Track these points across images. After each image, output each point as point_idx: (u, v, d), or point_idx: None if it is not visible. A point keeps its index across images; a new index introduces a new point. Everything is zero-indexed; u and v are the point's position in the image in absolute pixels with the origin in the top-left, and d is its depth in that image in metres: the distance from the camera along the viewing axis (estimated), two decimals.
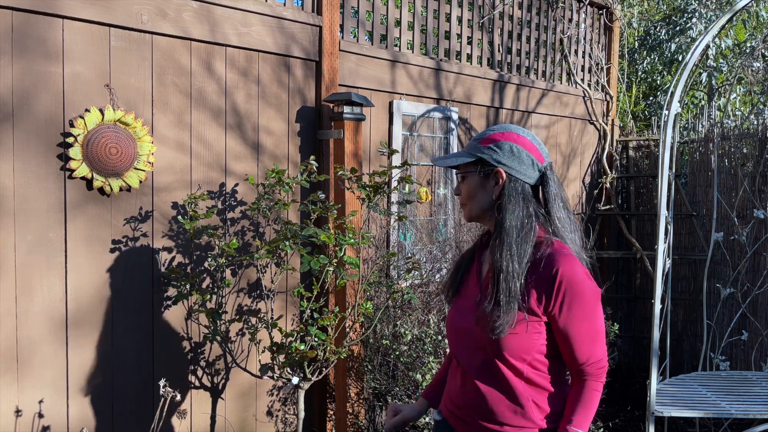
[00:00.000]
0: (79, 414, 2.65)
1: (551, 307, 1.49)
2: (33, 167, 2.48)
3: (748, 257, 4.42)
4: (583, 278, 1.49)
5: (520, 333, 1.50)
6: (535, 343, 1.52)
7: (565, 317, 1.49)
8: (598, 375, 1.54)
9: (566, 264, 1.48)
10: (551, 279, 1.48)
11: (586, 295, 1.49)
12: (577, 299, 1.48)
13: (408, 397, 3.19)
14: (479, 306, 1.56)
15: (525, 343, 1.51)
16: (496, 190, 1.57)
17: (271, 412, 3.33)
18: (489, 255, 1.60)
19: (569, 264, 1.48)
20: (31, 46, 2.45)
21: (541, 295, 1.49)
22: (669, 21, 7.38)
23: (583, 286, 1.48)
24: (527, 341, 1.51)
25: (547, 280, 1.48)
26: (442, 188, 4.16)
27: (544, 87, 4.96)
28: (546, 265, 1.49)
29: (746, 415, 3.05)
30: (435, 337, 3.12)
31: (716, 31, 3.10)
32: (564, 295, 1.48)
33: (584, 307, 1.49)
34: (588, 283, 1.50)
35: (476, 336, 1.56)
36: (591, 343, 1.51)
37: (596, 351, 1.52)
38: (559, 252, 1.50)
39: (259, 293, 3.21)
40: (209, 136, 3.00)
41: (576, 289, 1.47)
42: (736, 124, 4.87)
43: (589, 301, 1.49)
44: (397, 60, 3.79)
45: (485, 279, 1.60)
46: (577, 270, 1.48)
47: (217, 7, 2.94)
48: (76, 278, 2.61)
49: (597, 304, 1.51)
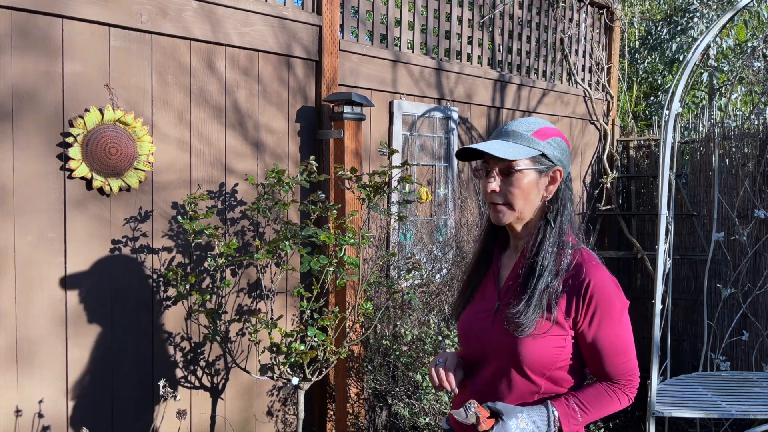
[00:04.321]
0: (79, 414, 2.64)
1: (580, 319, 1.39)
2: (33, 167, 2.48)
3: (748, 257, 4.41)
4: (613, 290, 1.40)
5: (542, 344, 1.39)
6: (557, 357, 1.41)
7: (594, 331, 1.39)
8: (628, 386, 1.45)
9: (597, 275, 1.38)
10: (581, 290, 1.38)
11: (616, 307, 1.39)
12: (608, 312, 1.38)
13: (408, 397, 3.19)
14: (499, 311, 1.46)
15: (547, 357, 1.40)
16: (550, 191, 1.44)
17: (271, 412, 3.33)
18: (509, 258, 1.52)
19: (600, 275, 1.39)
20: (31, 46, 2.45)
21: (570, 306, 1.39)
22: (670, 20, 7.37)
23: (614, 298, 1.39)
24: (549, 355, 1.40)
25: (577, 291, 1.39)
26: (442, 188, 4.16)
27: (545, 87, 4.95)
28: (576, 275, 1.39)
29: (747, 415, 3.04)
30: (435, 338, 3.11)
31: (717, 30, 3.09)
32: (595, 308, 1.38)
33: (614, 320, 1.39)
34: (618, 295, 1.41)
35: (493, 341, 1.46)
36: (621, 356, 1.42)
37: (626, 364, 1.43)
38: (588, 261, 1.41)
39: (259, 293, 3.20)
40: (210, 134, 3.00)
41: (607, 301, 1.38)
42: (737, 124, 4.87)
43: (619, 314, 1.40)
44: (397, 59, 3.78)
45: (505, 284, 1.49)
46: (607, 282, 1.39)
47: (218, 7, 2.94)
48: (76, 278, 2.61)
49: (626, 316, 1.43)
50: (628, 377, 1.44)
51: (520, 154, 1.39)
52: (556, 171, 1.43)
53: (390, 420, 3.62)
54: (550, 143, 1.42)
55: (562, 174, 1.43)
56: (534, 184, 1.42)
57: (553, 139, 1.43)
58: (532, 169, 1.41)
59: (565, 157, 1.45)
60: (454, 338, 3.07)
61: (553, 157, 1.42)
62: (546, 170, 1.42)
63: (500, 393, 1.46)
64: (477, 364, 1.52)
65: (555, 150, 1.43)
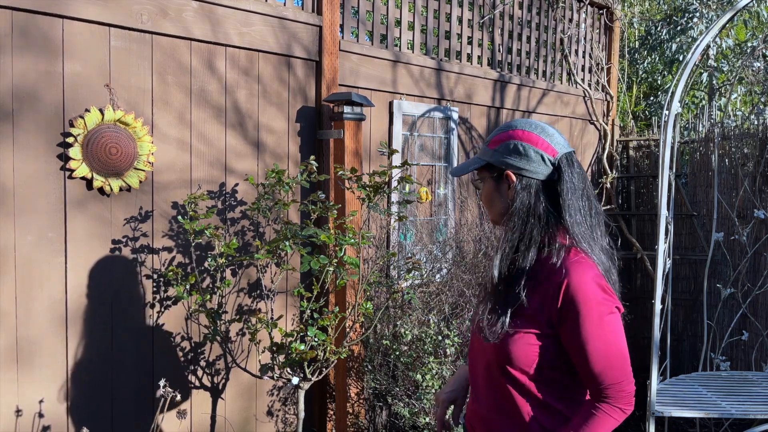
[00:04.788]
0: (79, 414, 2.64)
1: (556, 319, 1.35)
2: (33, 167, 2.48)
3: (748, 257, 4.42)
4: (591, 289, 1.33)
5: (520, 344, 1.38)
6: (540, 356, 1.38)
7: (570, 332, 1.34)
8: (617, 399, 1.36)
9: (575, 273, 1.34)
10: (556, 289, 1.35)
11: (594, 308, 1.33)
12: (586, 315, 1.32)
13: (408, 397, 3.19)
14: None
15: (526, 355, 1.38)
16: (510, 194, 1.44)
17: (271, 412, 3.33)
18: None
19: (578, 273, 1.34)
20: (32, 46, 2.45)
21: (544, 305, 1.36)
22: (670, 21, 7.38)
23: (591, 298, 1.33)
24: (529, 353, 1.38)
25: (552, 290, 1.35)
26: (442, 188, 4.16)
27: (545, 87, 4.96)
28: (554, 274, 1.36)
29: (746, 415, 3.05)
30: (435, 337, 3.12)
31: (717, 30, 3.09)
32: (569, 308, 1.33)
33: (592, 323, 1.33)
34: (597, 295, 1.34)
35: (480, 343, 1.48)
36: (603, 363, 1.34)
37: (611, 373, 1.35)
38: (570, 260, 1.36)
39: (259, 293, 3.20)
40: (210, 134, 3.00)
41: (583, 301, 1.32)
42: (736, 124, 4.87)
43: (597, 316, 1.33)
44: (397, 60, 3.79)
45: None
46: (585, 280, 1.33)
47: (218, 7, 2.94)
48: (76, 278, 2.61)
49: (611, 320, 1.35)
50: (613, 388, 1.36)
51: (470, 168, 1.50)
52: (506, 175, 1.45)
53: (390, 420, 3.62)
54: (497, 151, 1.46)
55: (512, 177, 1.43)
56: (493, 190, 1.49)
57: (503, 144, 1.45)
58: (488, 177, 1.49)
59: (519, 160, 1.42)
60: (454, 338, 3.08)
61: (498, 163, 1.45)
62: (500, 176, 1.47)
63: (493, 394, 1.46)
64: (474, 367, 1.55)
65: (505, 156, 1.44)
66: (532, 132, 1.44)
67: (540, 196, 1.42)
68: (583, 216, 1.41)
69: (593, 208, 1.44)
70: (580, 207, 1.41)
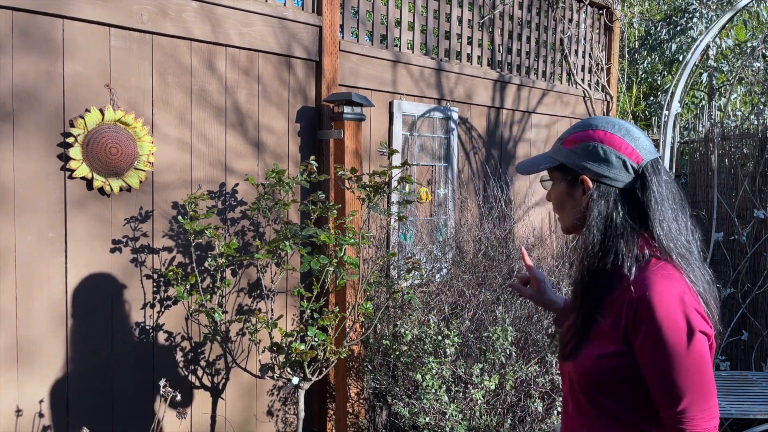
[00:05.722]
0: (79, 414, 2.65)
1: (630, 336, 1.23)
2: (33, 167, 2.48)
3: (748, 257, 4.42)
4: (669, 308, 1.19)
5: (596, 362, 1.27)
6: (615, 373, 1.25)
7: (640, 350, 1.21)
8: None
9: (653, 288, 1.20)
10: (632, 304, 1.22)
11: (670, 329, 1.18)
12: (660, 333, 1.18)
13: (408, 397, 3.19)
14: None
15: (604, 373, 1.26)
16: (584, 200, 1.31)
17: (271, 411, 3.33)
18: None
19: (657, 289, 1.20)
20: (32, 46, 2.45)
21: (619, 320, 1.24)
22: (670, 21, 7.38)
23: (667, 317, 1.18)
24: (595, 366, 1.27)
25: (628, 305, 1.23)
26: (442, 188, 4.16)
27: (545, 87, 4.96)
28: (631, 288, 1.23)
29: (746, 415, 3.05)
30: (435, 337, 3.12)
31: (717, 31, 3.10)
32: (641, 325, 1.20)
33: (667, 343, 1.18)
34: (675, 316, 1.18)
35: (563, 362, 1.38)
36: (677, 389, 1.19)
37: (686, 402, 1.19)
38: (650, 273, 1.23)
39: (259, 293, 3.21)
40: (210, 134, 3.00)
41: (656, 319, 1.18)
42: (736, 124, 4.87)
43: (673, 337, 1.18)
44: (397, 60, 3.79)
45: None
46: (663, 298, 1.19)
47: (218, 7, 2.94)
48: (77, 278, 2.61)
49: (691, 343, 1.18)
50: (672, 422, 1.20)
51: (540, 167, 1.37)
52: (582, 180, 1.31)
53: (390, 419, 3.62)
54: (573, 151, 1.32)
55: (588, 183, 1.30)
56: (565, 194, 1.36)
57: (581, 145, 1.32)
58: (560, 179, 1.36)
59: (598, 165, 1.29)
60: (454, 338, 3.08)
61: (574, 165, 1.32)
62: (575, 180, 1.33)
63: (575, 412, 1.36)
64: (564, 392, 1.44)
65: (582, 158, 1.31)
66: (615, 134, 1.30)
67: (618, 205, 1.28)
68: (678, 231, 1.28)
69: (679, 217, 1.29)
70: (665, 217, 1.27)
